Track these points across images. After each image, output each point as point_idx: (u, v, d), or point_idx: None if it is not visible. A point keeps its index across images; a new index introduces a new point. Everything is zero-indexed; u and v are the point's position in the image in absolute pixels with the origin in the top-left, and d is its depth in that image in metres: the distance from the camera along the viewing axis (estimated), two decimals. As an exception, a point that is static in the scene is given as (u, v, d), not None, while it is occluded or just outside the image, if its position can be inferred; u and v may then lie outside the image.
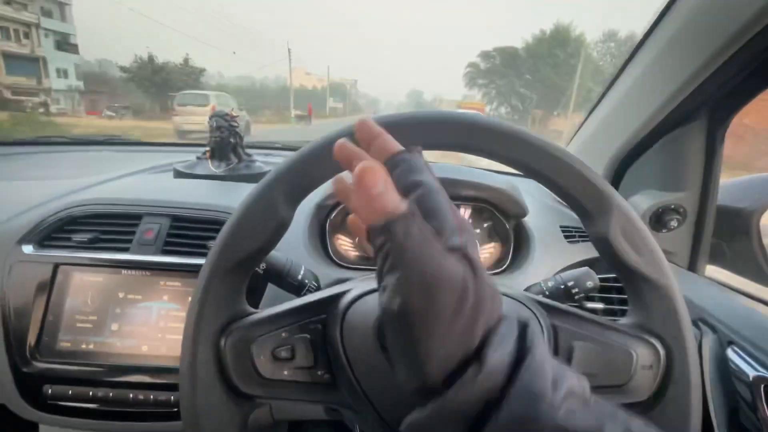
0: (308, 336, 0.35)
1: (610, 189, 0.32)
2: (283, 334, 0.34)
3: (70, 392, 0.54)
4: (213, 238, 0.60)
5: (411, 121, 0.33)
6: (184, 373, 0.32)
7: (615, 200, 0.32)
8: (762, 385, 0.43)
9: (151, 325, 0.56)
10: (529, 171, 0.33)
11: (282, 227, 0.34)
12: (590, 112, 0.73)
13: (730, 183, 0.65)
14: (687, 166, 0.57)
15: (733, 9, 0.43)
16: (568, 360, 0.35)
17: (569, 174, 0.32)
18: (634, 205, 0.64)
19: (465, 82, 43.80)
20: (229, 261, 0.33)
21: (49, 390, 0.54)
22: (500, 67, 41.93)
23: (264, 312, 0.35)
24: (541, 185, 0.34)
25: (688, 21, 0.49)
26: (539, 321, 0.35)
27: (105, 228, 0.61)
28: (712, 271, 0.68)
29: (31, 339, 0.55)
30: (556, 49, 36.91)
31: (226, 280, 0.33)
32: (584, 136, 0.74)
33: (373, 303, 0.35)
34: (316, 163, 0.32)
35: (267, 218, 0.32)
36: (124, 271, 0.57)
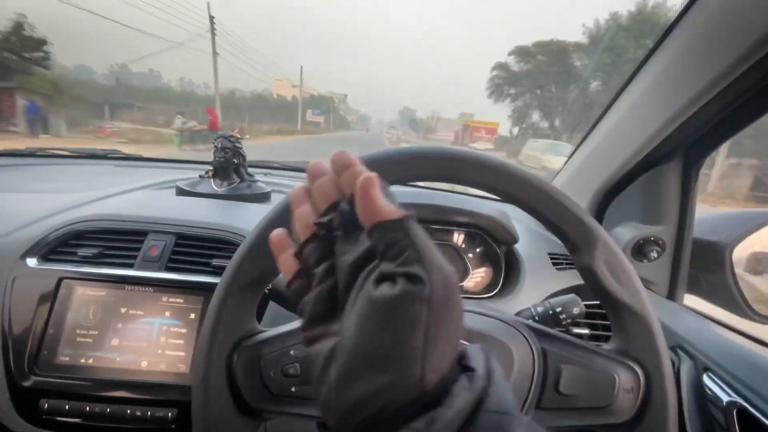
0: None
1: (595, 224, 0.36)
2: (292, 352, 0.36)
3: (66, 407, 0.54)
4: (216, 256, 0.62)
5: (406, 157, 0.35)
6: (197, 388, 0.33)
7: (600, 234, 0.35)
8: (734, 410, 0.46)
9: (152, 341, 0.57)
10: (521, 204, 0.36)
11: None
12: (576, 148, 0.78)
13: (705, 217, 0.70)
14: (665, 201, 0.62)
15: (707, 62, 0.48)
16: (556, 382, 0.37)
17: (558, 209, 0.35)
18: (617, 237, 0.68)
19: (489, 92, 30.65)
20: (243, 280, 0.35)
21: (45, 404, 0.54)
22: (543, 67, 28.48)
23: (274, 330, 0.37)
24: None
25: (666, 70, 0.54)
26: (530, 345, 0.38)
27: (110, 243, 0.62)
28: (690, 300, 0.72)
29: (31, 352, 0.55)
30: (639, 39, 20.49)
31: (239, 299, 0.35)
32: (570, 170, 0.79)
33: None
34: None
35: None
36: (127, 287, 0.58)
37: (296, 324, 0.38)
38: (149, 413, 0.55)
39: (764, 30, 0.41)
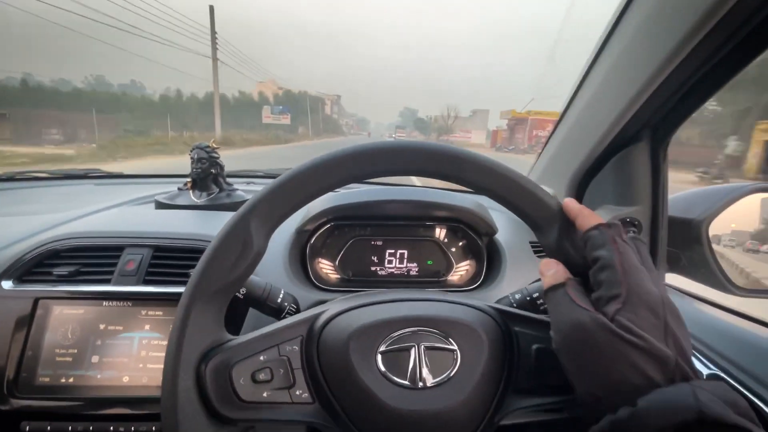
0: (286, 358, 0.36)
1: (553, 202, 0.36)
2: (261, 357, 0.36)
3: (48, 428, 0.54)
4: (195, 266, 0.62)
5: (382, 151, 0.35)
6: (166, 402, 0.33)
7: (559, 212, 0.36)
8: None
9: (133, 355, 0.56)
10: (483, 190, 0.36)
11: (257, 256, 0.36)
12: (549, 138, 0.79)
13: (680, 195, 0.71)
14: (637, 181, 0.62)
15: (660, 39, 0.49)
16: (529, 362, 0.37)
17: (517, 190, 0.35)
18: None
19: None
20: (206, 290, 0.34)
21: (26, 427, 0.54)
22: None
23: (242, 337, 0.37)
24: None
25: (624, 50, 0.55)
26: (500, 328, 0.38)
27: (86, 261, 0.62)
28: (672, 278, 0.72)
29: (9, 375, 0.55)
30: None
31: (204, 309, 0.35)
32: (546, 159, 0.80)
33: (346, 321, 0.38)
34: (288, 194, 0.35)
35: (242, 249, 0.34)
36: (105, 303, 0.58)
37: (266, 330, 0.38)
38: (133, 428, 0.54)
39: (711, 1, 0.41)
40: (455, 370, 0.35)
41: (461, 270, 0.74)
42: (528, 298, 0.52)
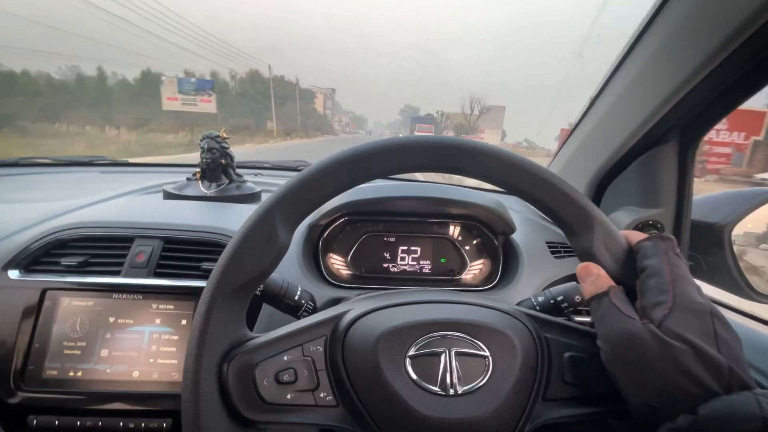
0: (310, 358, 0.35)
1: (592, 207, 0.35)
2: (285, 357, 0.35)
3: (56, 423, 0.53)
4: (206, 259, 0.60)
5: (407, 146, 0.34)
6: (187, 401, 0.32)
7: (597, 216, 0.34)
8: None
9: (143, 349, 0.55)
10: (518, 192, 0.35)
11: (281, 251, 0.35)
12: (571, 133, 0.77)
13: (702, 199, 0.69)
14: (662, 184, 0.61)
15: (697, 42, 0.47)
16: (561, 370, 0.36)
17: (555, 194, 0.34)
18: (616, 221, 0.67)
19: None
20: (229, 287, 0.33)
21: (34, 421, 0.53)
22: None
23: (265, 336, 0.36)
24: (526, 203, 0.36)
25: (659, 50, 0.53)
26: (532, 334, 0.37)
27: (95, 251, 0.60)
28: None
29: (16, 368, 0.53)
30: None
31: (227, 306, 0.34)
32: (566, 156, 0.78)
33: (373, 323, 0.36)
34: (313, 188, 0.34)
35: (266, 243, 0.33)
36: (115, 295, 0.56)
37: (289, 328, 0.36)
38: (143, 425, 0.53)
39: (752, 8, 0.40)
40: (488, 377, 0.34)
41: (475, 269, 0.72)
42: (552, 302, 0.51)
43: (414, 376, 0.34)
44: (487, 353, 0.35)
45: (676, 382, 0.28)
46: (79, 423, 0.53)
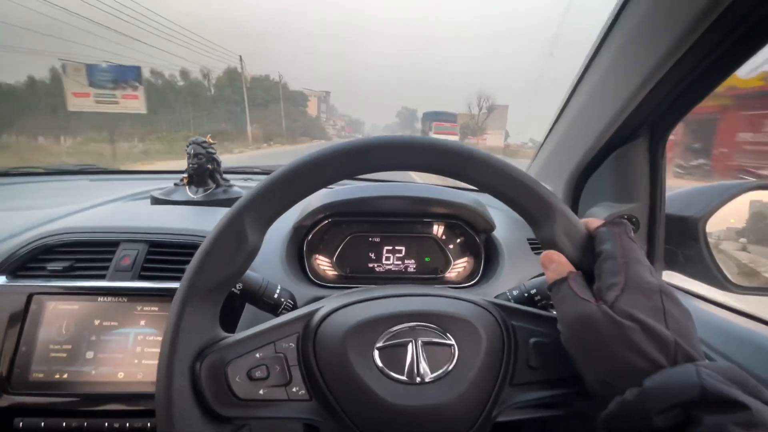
0: (282, 355, 0.36)
1: (553, 197, 0.36)
2: (257, 355, 0.35)
3: (42, 424, 0.53)
4: (189, 262, 0.61)
5: (376, 146, 0.35)
6: (160, 401, 0.32)
7: (557, 206, 0.36)
8: None
9: (128, 351, 0.56)
10: (482, 186, 0.36)
11: (252, 253, 0.36)
12: (546, 136, 0.79)
13: (677, 193, 0.71)
14: (635, 178, 0.62)
15: (658, 38, 0.49)
16: (527, 356, 0.37)
17: (516, 185, 0.35)
18: (594, 216, 0.68)
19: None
20: (201, 287, 0.34)
21: (20, 423, 0.53)
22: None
23: (237, 335, 0.37)
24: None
25: (623, 48, 0.55)
26: (498, 322, 0.38)
27: (81, 256, 0.61)
28: (669, 276, 0.73)
29: (2, 371, 0.54)
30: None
31: (199, 307, 0.34)
32: (543, 158, 0.80)
33: (343, 318, 0.37)
34: (283, 190, 0.35)
35: (237, 245, 0.34)
36: (100, 298, 0.57)
37: (261, 327, 0.37)
38: (128, 424, 0.54)
39: (704, 5, 0.42)
40: (453, 364, 0.35)
41: (459, 267, 0.74)
42: (526, 294, 0.52)
43: (382, 367, 0.35)
44: (453, 342, 0.36)
45: (626, 359, 0.29)
46: (65, 424, 0.53)
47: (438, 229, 0.73)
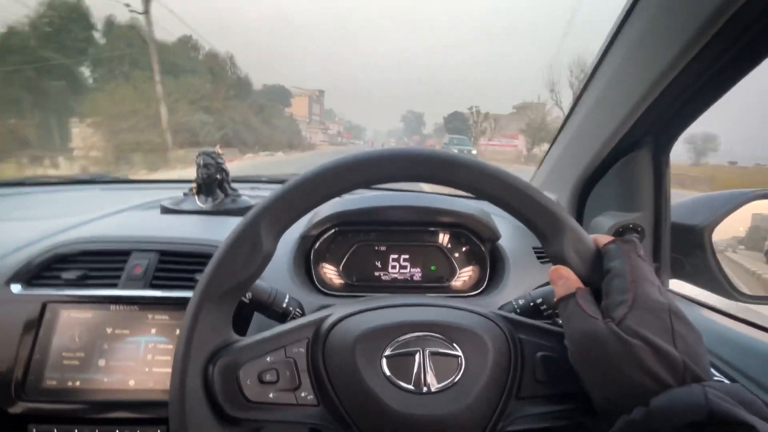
0: (292, 359, 0.37)
1: (562, 212, 0.36)
2: (268, 359, 0.36)
3: (54, 431, 0.54)
4: (200, 271, 0.62)
5: (389, 158, 0.36)
6: (174, 401, 0.33)
7: (567, 222, 0.36)
8: None
9: (139, 359, 0.57)
10: (492, 199, 0.37)
11: (266, 259, 0.37)
12: (552, 143, 0.79)
13: (683, 201, 0.71)
14: (639, 187, 0.63)
15: (660, 49, 0.49)
16: (533, 370, 0.38)
17: (526, 200, 0.36)
18: (598, 226, 0.69)
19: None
20: (215, 292, 0.35)
21: (33, 429, 0.54)
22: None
23: (249, 339, 0.38)
24: None
25: (626, 58, 0.56)
26: (505, 335, 0.38)
27: (93, 265, 0.63)
28: (675, 285, 0.72)
29: (17, 378, 0.55)
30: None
31: (214, 310, 0.36)
32: (548, 167, 0.80)
33: (353, 325, 0.38)
34: (298, 198, 0.36)
35: (251, 251, 0.35)
36: (112, 307, 0.59)
37: (272, 331, 0.38)
38: (138, 431, 0.54)
39: (712, 8, 0.42)
40: (459, 375, 0.36)
41: (464, 275, 0.74)
42: (531, 304, 0.52)
43: (389, 375, 0.35)
44: (460, 353, 0.36)
45: (633, 377, 0.29)
46: (77, 431, 0.54)
47: (444, 238, 0.74)
